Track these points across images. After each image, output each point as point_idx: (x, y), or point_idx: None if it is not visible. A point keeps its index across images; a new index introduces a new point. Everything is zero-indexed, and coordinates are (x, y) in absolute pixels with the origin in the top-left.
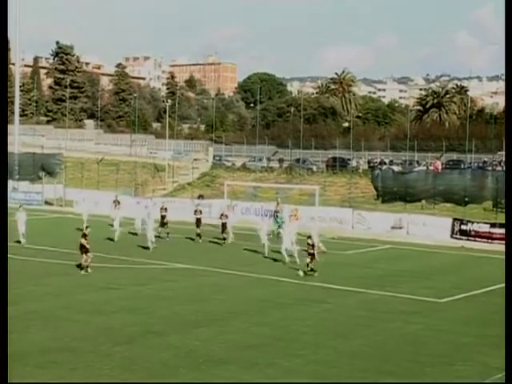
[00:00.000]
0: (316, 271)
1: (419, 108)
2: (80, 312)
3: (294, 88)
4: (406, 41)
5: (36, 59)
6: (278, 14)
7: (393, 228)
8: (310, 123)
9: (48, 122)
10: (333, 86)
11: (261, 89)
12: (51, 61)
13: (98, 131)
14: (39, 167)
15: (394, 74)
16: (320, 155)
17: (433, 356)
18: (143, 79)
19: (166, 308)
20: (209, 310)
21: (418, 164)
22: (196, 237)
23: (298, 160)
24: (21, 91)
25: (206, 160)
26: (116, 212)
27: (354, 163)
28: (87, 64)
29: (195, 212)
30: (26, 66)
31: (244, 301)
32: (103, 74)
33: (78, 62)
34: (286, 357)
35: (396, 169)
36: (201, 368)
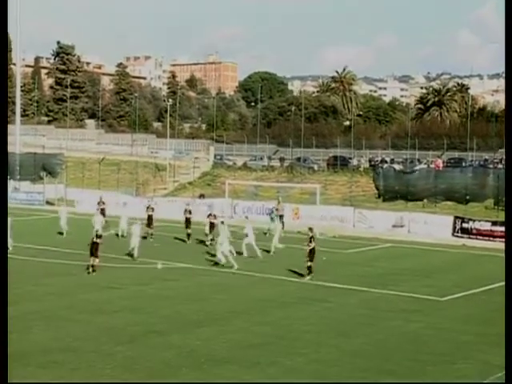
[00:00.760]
0: (312, 273)
1: (420, 106)
2: (82, 312)
3: (294, 87)
4: (407, 39)
5: (37, 59)
6: (278, 14)
7: (394, 226)
8: (310, 122)
9: (49, 122)
10: (334, 85)
11: (262, 88)
12: (52, 61)
13: (99, 131)
14: (40, 167)
15: (395, 72)
16: (321, 154)
17: (434, 354)
18: (144, 79)
19: (167, 307)
20: (210, 309)
21: (419, 162)
22: (186, 237)
23: (298, 159)
24: (22, 91)
25: (207, 159)
26: (97, 218)
27: (355, 162)
28: (88, 64)
29: (185, 212)
30: (26, 66)
31: (245, 300)
32: (104, 74)
33: (79, 62)
34: (287, 356)
35: (397, 167)
36: (202, 367)
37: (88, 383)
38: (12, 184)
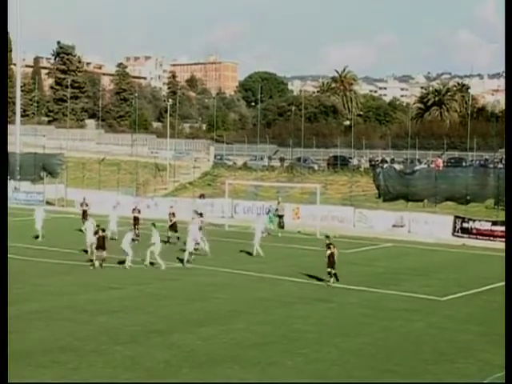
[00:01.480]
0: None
1: (420, 106)
2: (82, 312)
3: (295, 87)
4: (407, 39)
5: (37, 59)
6: (278, 13)
7: (394, 226)
8: (311, 122)
9: (49, 122)
10: (334, 85)
11: (262, 88)
12: (52, 61)
13: (99, 131)
14: (40, 167)
15: (395, 72)
16: (321, 154)
17: (434, 354)
18: (144, 79)
19: (167, 307)
20: (210, 309)
21: (420, 162)
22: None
23: (299, 159)
24: (22, 91)
25: (208, 159)
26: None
27: (355, 162)
28: (88, 64)
29: (169, 214)
30: (27, 66)
31: (246, 300)
32: (104, 74)
33: (79, 62)
34: (288, 355)
35: (397, 167)
36: (203, 367)
37: (88, 383)
38: (12, 184)
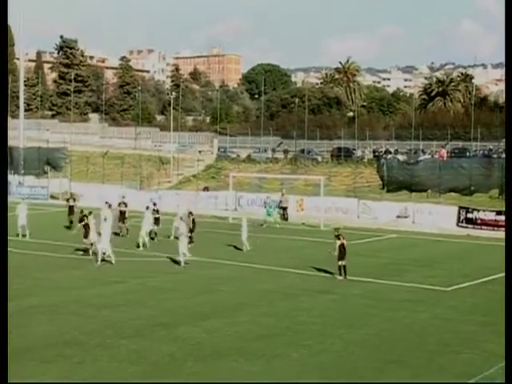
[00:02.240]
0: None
1: (424, 97)
2: (86, 306)
3: (298, 79)
4: (411, 30)
5: (40, 54)
6: (281, 5)
7: (398, 217)
8: (314, 114)
9: (53, 117)
10: (337, 76)
11: (265, 80)
12: (55, 55)
13: (102, 125)
14: (44, 161)
15: (399, 63)
16: (325, 145)
17: (439, 344)
18: (147, 72)
19: (172, 300)
20: (215, 301)
21: (424, 153)
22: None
23: (302, 151)
24: (25, 86)
25: (211, 152)
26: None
27: (358, 153)
28: (91, 58)
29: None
30: (30, 60)
31: (250, 292)
32: (107, 68)
33: (82, 56)
34: (292, 347)
35: (401, 158)
36: (208, 360)
37: (88, 383)
38: (16, 179)
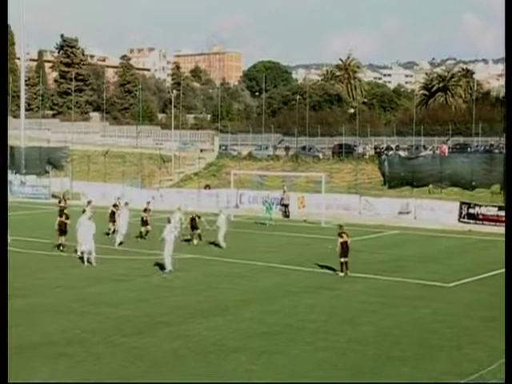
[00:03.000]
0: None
1: (425, 92)
2: (89, 304)
3: (299, 75)
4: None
5: (41, 53)
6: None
7: (400, 213)
8: (315, 110)
9: (54, 116)
10: (338, 73)
11: (266, 77)
12: (56, 54)
13: (103, 123)
14: (46, 161)
15: (400, 59)
16: (326, 142)
17: (441, 340)
18: (148, 70)
19: (174, 298)
20: (217, 299)
21: (425, 148)
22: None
23: (304, 148)
24: (26, 85)
25: (212, 150)
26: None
27: (360, 149)
28: (92, 56)
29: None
30: (31, 59)
31: (252, 289)
32: (108, 66)
33: (83, 55)
34: (295, 344)
35: (403, 154)
36: (210, 357)
37: (89, 383)
38: (18, 178)
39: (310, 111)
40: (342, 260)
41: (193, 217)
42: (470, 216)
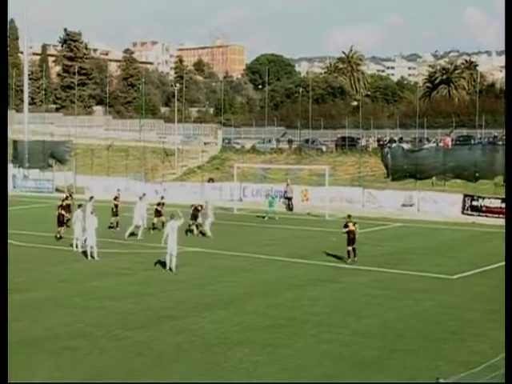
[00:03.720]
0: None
1: (428, 85)
2: (92, 298)
3: (302, 68)
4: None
5: (44, 47)
6: None
7: (403, 206)
8: (318, 103)
9: (57, 110)
10: (341, 66)
11: (269, 70)
12: (59, 48)
13: (106, 117)
14: (49, 155)
15: (403, 51)
16: (329, 135)
17: (445, 332)
18: (151, 64)
19: (178, 292)
20: (221, 292)
21: (428, 141)
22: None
23: (307, 140)
24: (30, 79)
25: (216, 143)
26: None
27: (363, 142)
28: (95, 50)
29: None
30: (34, 54)
31: (256, 283)
32: (111, 60)
33: (86, 49)
34: (298, 337)
35: (406, 146)
36: (214, 350)
37: (89, 383)
38: (21, 172)
39: (313, 104)
40: (349, 248)
41: (195, 206)
42: (474, 208)
